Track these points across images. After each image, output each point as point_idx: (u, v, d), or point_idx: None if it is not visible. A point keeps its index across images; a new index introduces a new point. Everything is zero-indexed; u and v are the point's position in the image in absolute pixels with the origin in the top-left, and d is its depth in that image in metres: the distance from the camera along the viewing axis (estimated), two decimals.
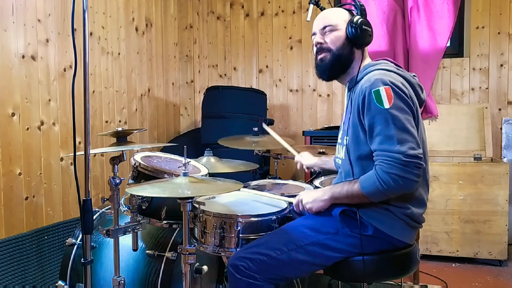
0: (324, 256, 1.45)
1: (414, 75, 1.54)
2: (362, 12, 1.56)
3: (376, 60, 1.56)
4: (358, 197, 1.40)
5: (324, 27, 1.56)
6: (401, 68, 1.53)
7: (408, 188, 1.36)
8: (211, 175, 1.86)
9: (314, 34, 1.60)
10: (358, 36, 1.51)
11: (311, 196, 1.51)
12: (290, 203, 1.66)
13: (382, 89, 1.36)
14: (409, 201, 1.44)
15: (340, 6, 1.64)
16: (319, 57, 1.58)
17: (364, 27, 1.51)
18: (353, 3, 1.60)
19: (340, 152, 1.59)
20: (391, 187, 1.33)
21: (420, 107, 1.52)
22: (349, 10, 1.59)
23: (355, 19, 1.51)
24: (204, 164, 2.00)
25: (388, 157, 1.33)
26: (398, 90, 1.37)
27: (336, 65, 1.56)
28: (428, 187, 1.52)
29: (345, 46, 1.54)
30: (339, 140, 1.63)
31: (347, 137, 1.51)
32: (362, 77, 1.48)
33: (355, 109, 1.44)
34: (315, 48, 1.60)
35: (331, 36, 1.55)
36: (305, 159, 2.04)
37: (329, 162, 1.92)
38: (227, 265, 1.48)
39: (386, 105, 1.35)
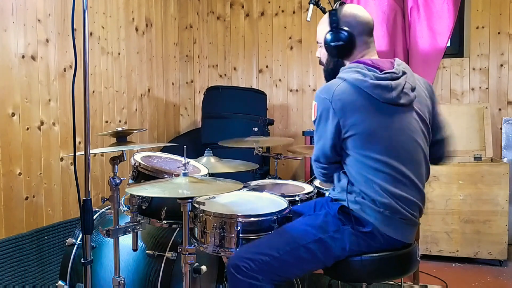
0: (327, 253, 1.45)
1: (385, 72, 1.46)
2: (333, 21, 1.56)
3: (351, 63, 1.55)
4: None
5: (318, 42, 1.68)
6: (373, 68, 1.47)
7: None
8: (211, 175, 1.86)
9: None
10: (335, 51, 1.58)
11: None
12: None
13: (313, 103, 1.52)
14: (388, 194, 1.43)
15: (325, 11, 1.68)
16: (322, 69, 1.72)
17: (333, 43, 1.56)
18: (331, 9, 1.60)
19: None
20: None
21: (396, 105, 1.45)
22: (329, 13, 1.59)
23: (326, 37, 1.58)
24: (204, 164, 2.00)
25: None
26: (320, 104, 1.48)
27: (329, 78, 1.63)
28: (416, 186, 1.48)
29: (329, 61, 1.64)
30: None
31: None
32: None
33: None
34: None
35: (321, 51, 1.67)
36: None
37: None
38: (227, 265, 1.48)
39: (313, 117, 1.54)
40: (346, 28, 1.54)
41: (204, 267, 1.70)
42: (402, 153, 1.47)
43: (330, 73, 1.63)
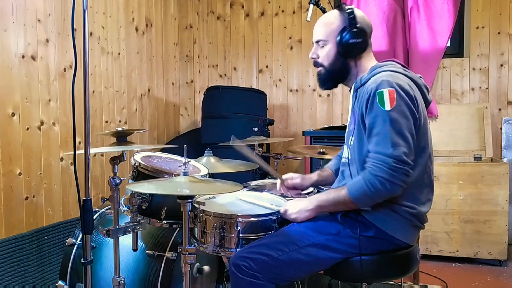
0: (325, 257, 1.45)
1: (420, 76, 1.53)
2: (352, 19, 1.51)
3: (383, 61, 1.54)
4: (345, 204, 1.42)
5: (318, 41, 1.59)
6: (408, 69, 1.52)
7: (394, 193, 1.36)
8: (211, 175, 1.86)
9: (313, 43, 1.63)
10: (349, 49, 1.52)
11: (296, 207, 1.51)
12: (278, 211, 1.60)
13: (386, 91, 1.36)
14: (416, 201, 1.45)
15: (338, 7, 1.61)
16: (316, 70, 1.62)
17: (352, 40, 1.50)
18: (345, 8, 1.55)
19: (345, 152, 1.60)
20: (378, 190, 1.33)
21: (426, 108, 1.52)
22: (344, 11, 1.54)
23: (343, 33, 1.50)
24: (204, 164, 2.00)
25: (379, 160, 1.34)
26: (402, 93, 1.37)
27: (331, 79, 1.59)
28: (433, 187, 1.52)
29: (336, 60, 1.55)
30: (345, 141, 1.63)
31: (352, 137, 1.51)
32: (369, 78, 1.47)
33: (360, 109, 1.44)
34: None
35: (323, 51, 1.57)
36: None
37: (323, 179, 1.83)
38: (229, 264, 1.48)
39: (387, 107, 1.35)
40: (363, 27, 1.52)
41: (206, 267, 1.70)
42: (431, 156, 1.50)
43: (334, 74, 1.57)
